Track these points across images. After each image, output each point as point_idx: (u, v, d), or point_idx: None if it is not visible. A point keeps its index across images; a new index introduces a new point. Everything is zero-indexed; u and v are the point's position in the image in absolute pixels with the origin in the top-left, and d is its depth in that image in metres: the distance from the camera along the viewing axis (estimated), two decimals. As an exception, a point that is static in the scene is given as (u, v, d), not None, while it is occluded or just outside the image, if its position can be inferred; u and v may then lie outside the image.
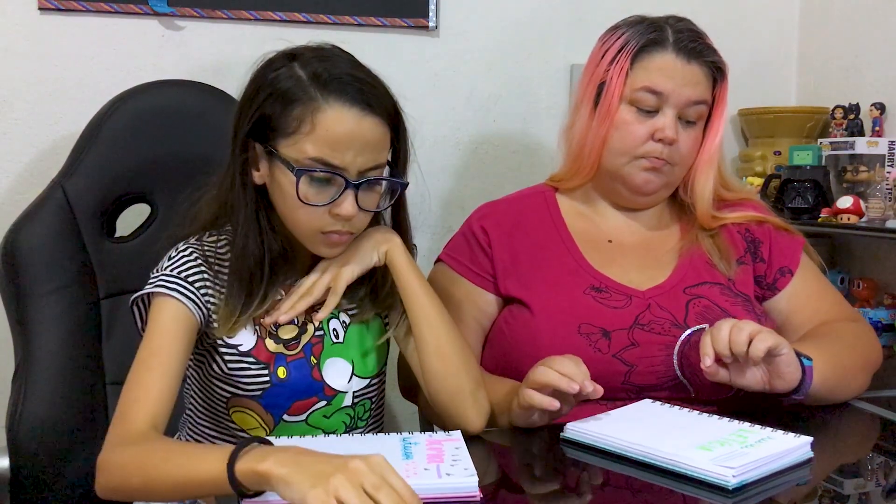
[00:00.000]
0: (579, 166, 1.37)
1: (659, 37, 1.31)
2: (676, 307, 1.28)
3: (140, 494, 1.00)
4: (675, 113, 1.30)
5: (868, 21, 1.98)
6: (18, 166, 1.71)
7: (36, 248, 1.37)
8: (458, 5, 1.95)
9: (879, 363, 1.33)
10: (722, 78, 1.35)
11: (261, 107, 1.12)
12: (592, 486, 1.02)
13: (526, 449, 1.15)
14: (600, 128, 1.33)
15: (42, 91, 1.71)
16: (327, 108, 1.09)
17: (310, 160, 1.09)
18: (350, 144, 1.09)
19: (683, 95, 1.30)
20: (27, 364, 1.35)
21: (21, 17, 1.69)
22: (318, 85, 1.10)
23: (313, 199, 1.10)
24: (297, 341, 1.19)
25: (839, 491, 1.03)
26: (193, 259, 1.16)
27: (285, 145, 1.11)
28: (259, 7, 1.80)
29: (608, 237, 1.38)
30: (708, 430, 1.07)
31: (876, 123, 1.88)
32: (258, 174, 1.15)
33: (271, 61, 1.15)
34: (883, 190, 1.79)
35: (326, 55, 1.14)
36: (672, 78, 1.29)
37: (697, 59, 1.31)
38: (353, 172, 1.10)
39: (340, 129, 1.09)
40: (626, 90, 1.31)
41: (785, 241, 1.39)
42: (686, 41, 1.31)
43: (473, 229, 1.40)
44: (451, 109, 1.98)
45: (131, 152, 1.46)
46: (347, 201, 1.10)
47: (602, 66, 1.34)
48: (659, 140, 1.30)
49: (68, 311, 1.37)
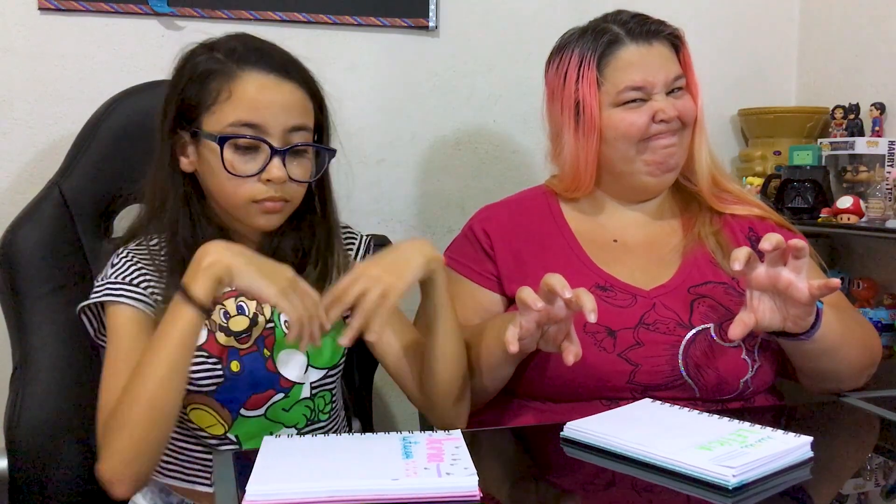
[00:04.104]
0: (578, 183, 1.37)
1: (610, 37, 1.32)
2: (681, 307, 1.28)
3: (150, 425, 1.03)
4: (663, 94, 1.31)
5: (868, 21, 1.97)
6: (18, 166, 1.71)
7: (33, 249, 1.37)
8: (458, 5, 1.95)
9: (879, 352, 1.33)
10: (682, 44, 1.36)
11: (179, 95, 1.15)
12: (592, 486, 1.02)
13: (526, 449, 1.15)
14: (589, 143, 1.33)
15: (42, 91, 1.71)
16: (243, 75, 1.12)
17: (231, 126, 1.11)
18: (270, 105, 1.11)
19: (661, 76, 1.31)
20: (25, 365, 1.35)
21: (21, 17, 1.69)
22: (234, 58, 1.13)
23: (241, 168, 1.12)
24: (248, 334, 1.19)
25: (839, 491, 1.03)
26: (134, 262, 1.17)
27: (207, 121, 1.13)
28: (259, 7, 1.80)
29: (613, 237, 1.38)
30: (708, 429, 1.06)
31: (876, 123, 1.88)
32: (187, 161, 1.17)
33: (192, 52, 1.18)
34: (883, 190, 1.79)
35: (239, 37, 1.18)
36: (644, 67, 1.30)
37: (656, 38, 1.32)
38: (276, 136, 1.12)
39: (259, 91, 1.12)
40: (605, 98, 1.31)
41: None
42: (636, 26, 1.32)
43: (475, 232, 1.40)
44: (451, 109, 1.98)
45: (129, 153, 1.45)
46: (275, 166, 1.12)
47: (569, 88, 1.34)
48: (661, 121, 1.30)
49: (65, 311, 1.37)
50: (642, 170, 1.34)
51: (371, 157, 1.94)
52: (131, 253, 1.18)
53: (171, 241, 1.16)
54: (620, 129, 1.31)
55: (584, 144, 1.33)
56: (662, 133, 1.32)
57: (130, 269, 1.16)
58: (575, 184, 1.38)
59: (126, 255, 1.18)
